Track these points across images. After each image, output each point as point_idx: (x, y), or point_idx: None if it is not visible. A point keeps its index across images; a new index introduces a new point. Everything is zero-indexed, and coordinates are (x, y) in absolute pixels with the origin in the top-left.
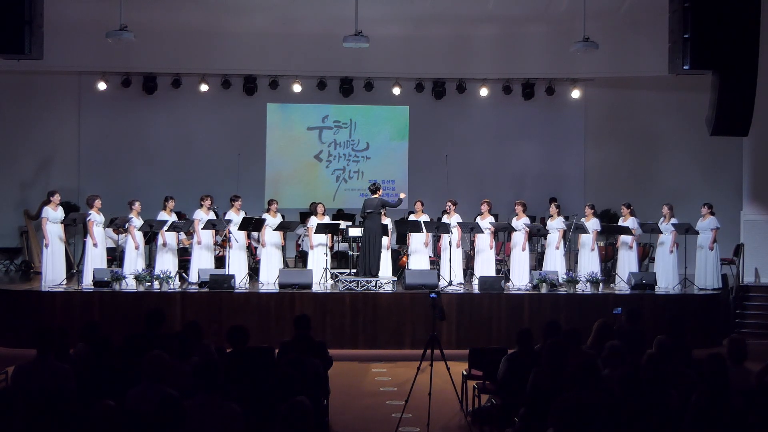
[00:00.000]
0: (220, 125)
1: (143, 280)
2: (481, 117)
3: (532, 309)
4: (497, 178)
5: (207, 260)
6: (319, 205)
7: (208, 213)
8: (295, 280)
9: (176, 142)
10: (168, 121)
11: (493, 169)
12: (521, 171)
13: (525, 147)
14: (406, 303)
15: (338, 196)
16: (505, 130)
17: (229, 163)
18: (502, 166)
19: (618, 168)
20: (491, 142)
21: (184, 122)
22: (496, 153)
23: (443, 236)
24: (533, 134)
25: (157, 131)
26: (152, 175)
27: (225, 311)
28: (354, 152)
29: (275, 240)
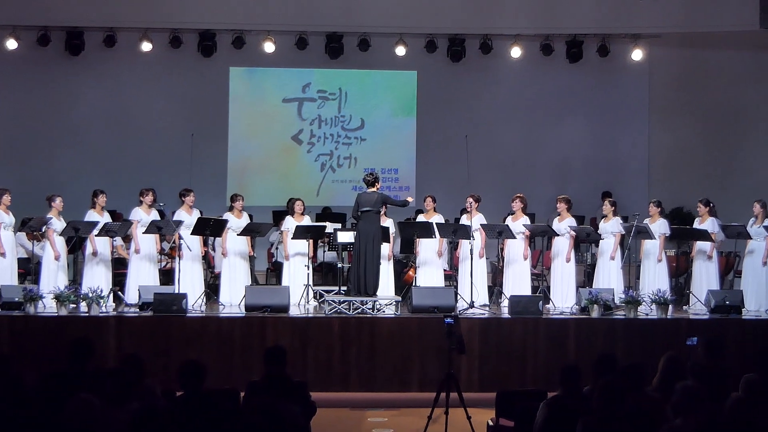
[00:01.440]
0: (167, 96)
1: (66, 300)
2: (512, 86)
3: (580, 339)
4: (533, 166)
5: (150, 274)
6: (297, 201)
7: (151, 212)
8: (267, 301)
9: (110, 119)
10: (99, 90)
11: (527, 155)
12: (565, 157)
13: (570, 125)
14: (413, 331)
15: (324, 190)
16: (543, 102)
17: (179, 147)
18: (540, 150)
19: (693, 153)
20: (525, 118)
21: (120, 93)
22: (532, 133)
23: (462, 243)
24: (580, 108)
25: (85, 104)
26: (78, 162)
27: (174, 342)
28: (344, 132)
29: (240, 248)
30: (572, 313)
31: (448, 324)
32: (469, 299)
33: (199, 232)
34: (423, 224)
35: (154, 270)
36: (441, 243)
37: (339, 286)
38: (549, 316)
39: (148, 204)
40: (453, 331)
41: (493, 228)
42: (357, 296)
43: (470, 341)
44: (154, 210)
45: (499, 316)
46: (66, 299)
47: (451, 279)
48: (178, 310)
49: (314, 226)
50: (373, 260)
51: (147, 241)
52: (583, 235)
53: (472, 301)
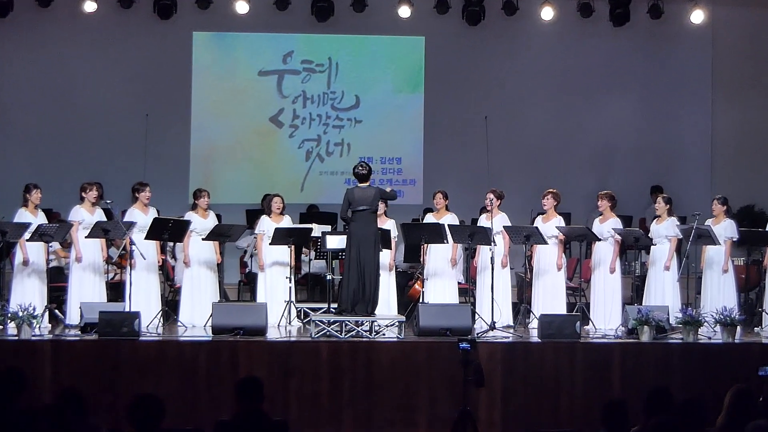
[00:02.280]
0: (116, 69)
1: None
2: (543, 55)
3: (626, 368)
4: (569, 154)
5: (94, 288)
6: (276, 198)
7: (96, 211)
8: (239, 321)
9: (45, 97)
10: (31, 61)
11: (561, 141)
12: (607, 143)
13: (614, 104)
14: (419, 358)
15: (310, 184)
16: (581, 76)
17: (131, 131)
18: (577, 135)
19: (766, 138)
20: (559, 95)
21: (58, 64)
22: (567, 114)
23: (481, 249)
24: (627, 83)
25: (13, 78)
26: (5, 149)
27: (125, 372)
28: (335, 112)
29: (206, 256)
30: (617, 336)
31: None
32: (490, 319)
33: (155, 237)
34: (432, 226)
35: (99, 283)
36: (454, 249)
37: (328, 302)
38: (588, 340)
39: (92, 201)
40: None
41: (520, 231)
42: (351, 315)
43: (491, 371)
44: (99, 209)
45: (527, 340)
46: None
47: (467, 294)
48: (129, 333)
49: (297, 228)
50: (370, 271)
51: (91, 248)
52: (630, 239)
53: (493, 322)
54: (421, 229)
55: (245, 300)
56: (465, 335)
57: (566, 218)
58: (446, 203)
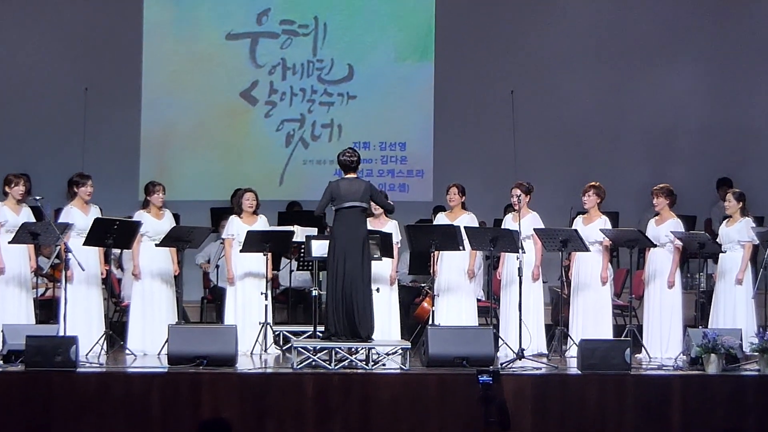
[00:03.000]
0: (46, 32)
1: None
2: (583, 14)
3: (689, 406)
4: (616, 139)
5: (20, 307)
6: (248, 193)
7: (21, 211)
8: (202, 348)
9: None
10: None
11: (606, 122)
12: (666, 126)
13: (673, 77)
14: (429, 394)
15: (291, 176)
16: (631, 41)
17: (67, 109)
18: (626, 115)
19: None
20: (603, 65)
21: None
22: (614, 88)
23: (506, 258)
24: (690, 50)
25: None
26: None
27: (58, 411)
28: (323, 86)
29: (160, 266)
30: (677, 367)
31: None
32: (517, 346)
33: (96, 242)
34: (445, 229)
35: (26, 300)
36: (473, 258)
37: (314, 325)
38: (641, 371)
39: (17, 198)
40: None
41: (555, 235)
42: (342, 341)
43: (518, 411)
44: (26, 207)
45: (564, 371)
46: None
47: (489, 314)
48: (65, 363)
49: (275, 231)
50: (358, 284)
51: (15, 256)
52: (693, 245)
53: (521, 349)
54: (430, 233)
55: (209, 321)
56: (486, 366)
57: (613, 219)
58: (462, 200)
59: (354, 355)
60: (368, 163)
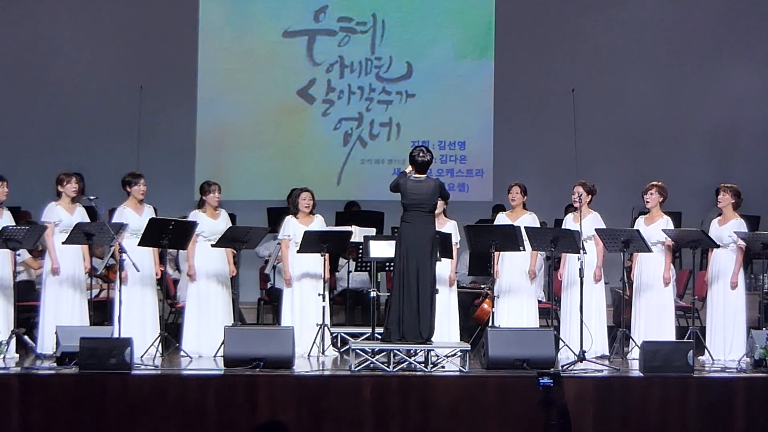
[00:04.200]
0: (101, 30)
1: None
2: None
3: (753, 410)
4: (678, 138)
5: (74, 308)
6: (305, 193)
7: (75, 210)
8: (259, 351)
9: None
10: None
11: (670, 120)
12: (731, 124)
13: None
14: (489, 398)
15: (349, 176)
16: (694, 37)
17: (121, 109)
18: (690, 113)
19: None
20: (667, 62)
21: (26, 24)
22: (677, 86)
23: (567, 258)
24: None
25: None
26: None
27: (112, 415)
28: (381, 84)
29: (217, 266)
30: (741, 369)
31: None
32: (578, 348)
33: (151, 243)
34: (505, 230)
35: (80, 301)
36: (534, 259)
37: (372, 326)
38: (704, 374)
39: (71, 197)
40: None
41: (616, 235)
42: (401, 343)
43: (580, 414)
44: (80, 207)
45: (626, 374)
46: None
47: (550, 315)
48: (119, 365)
49: (333, 232)
50: (425, 286)
51: (70, 257)
52: (757, 246)
53: (582, 351)
54: (490, 233)
55: (266, 323)
56: (547, 368)
57: (675, 219)
58: (523, 200)
59: (413, 357)
60: None
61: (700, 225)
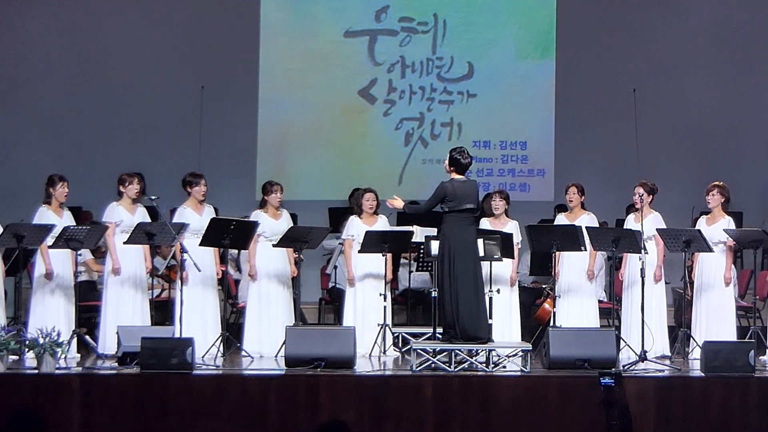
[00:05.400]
0: (161, 30)
1: (2, 349)
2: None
3: None
4: (741, 138)
5: (135, 308)
6: (367, 193)
7: (137, 210)
8: (320, 351)
9: (70, 66)
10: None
11: (732, 121)
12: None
13: None
14: (550, 397)
15: (410, 176)
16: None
17: (182, 109)
18: (752, 112)
19: None
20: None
21: (86, 24)
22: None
23: (628, 258)
24: None
25: (30, 43)
26: (21, 133)
27: (174, 415)
28: (443, 84)
29: (278, 267)
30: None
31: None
32: (640, 348)
33: (213, 243)
34: (565, 229)
35: (141, 301)
36: (593, 258)
37: (434, 326)
38: (766, 373)
39: (133, 197)
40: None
41: (677, 235)
42: (461, 343)
43: (641, 414)
44: (141, 207)
45: (687, 374)
46: (2, 348)
47: (611, 315)
48: (180, 365)
49: (394, 231)
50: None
51: (131, 257)
52: None
53: (643, 351)
54: (551, 233)
55: (328, 323)
56: (608, 368)
57: (737, 219)
58: (583, 200)
59: (474, 357)
60: (488, 162)
61: (761, 225)
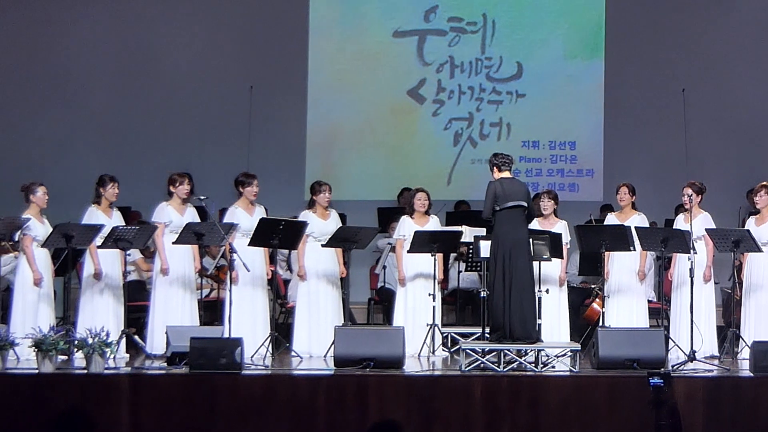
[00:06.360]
0: (211, 29)
1: (52, 349)
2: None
3: None
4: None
5: (184, 309)
6: (419, 194)
7: (186, 210)
8: (370, 351)
9: (120, 66)
10: (100, 21)
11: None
12: None
13: None
14: (599, 397)
15: (459, 176)
16: None
17: (231, 108)
18: None
19: None
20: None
21: (136, 23)
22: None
23: (677, 258)
24: None
25: (79, 43)
26: (71, 132)
27: (223, 415)
28: (492, 83)
29: (327, 267)
30: None
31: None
32: (689, 348)
33: (262, 243)
34: (615, 229)
35: (190, 301)
36: (644, 259)
37: (483, 326)
38: None
39: (182, 197)
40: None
41: (726, 235)
42: (510, 343)
43: (690, 414)
44: (190, 207)
45: (736, 374)
46: (52, 347)
47: (660, 315)
48: (229, 365)
49: (443, 231)
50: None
51: (180, 257)
52: None
53: (692, 351)
54: (600, 233)
55: (377, 323)
56: (657, 368)
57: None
58: (633, 200)
59: (523, 357)
60: (537, 162)
61: None
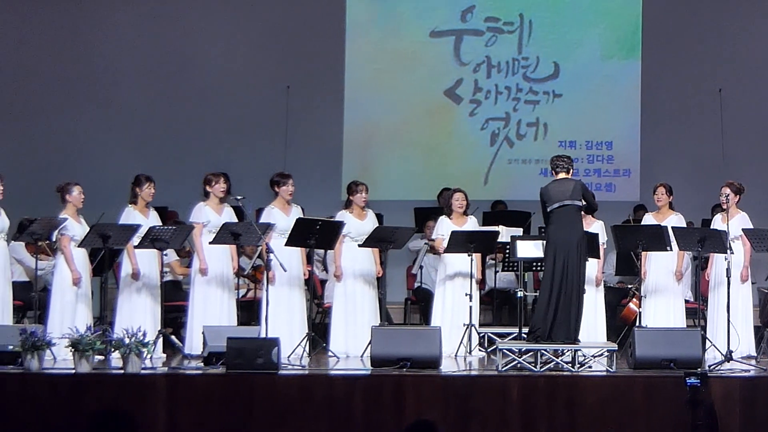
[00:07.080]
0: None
1: (89, 349)
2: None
3: None
4: None
5: (221, 308)
6: (457, 194)
7: (223, 210)
8: (406, 350)
9: (156, 65)
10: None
11: None
12: None
13: None
14: (636, 397)
15: (495, 176)
16: None
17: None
18: None
19: None
20: None
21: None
22: None
23: (714, 258)
24: None
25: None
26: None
27: (260, 415)
28: (528, 84)
29: (363, 267)
30: None
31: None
32: (726, 348)
33: (299, 243)
34: (652, 229)
35: (228, 301)
36: (681, 259)
37: (519, 326)
38: None
39: (219, 197)
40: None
41: (764, 235)
42: (548, 343)
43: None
44: (227, 207)
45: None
46: (88, 347)
47: (697, 315)
48: (266, 365)
49: (480, 232)
50: (574, 286)
51: (217, 257)
52: None
53: (729, 351)
54: (637, 233)
55: (414, 323)
56: (694, 368)
57: None
58: (670, 200)
59: (560, 357)
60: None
61: None
